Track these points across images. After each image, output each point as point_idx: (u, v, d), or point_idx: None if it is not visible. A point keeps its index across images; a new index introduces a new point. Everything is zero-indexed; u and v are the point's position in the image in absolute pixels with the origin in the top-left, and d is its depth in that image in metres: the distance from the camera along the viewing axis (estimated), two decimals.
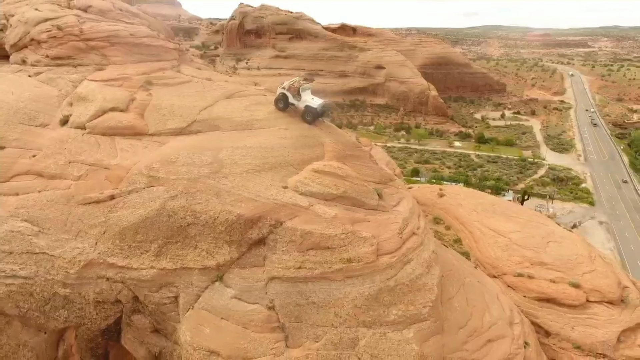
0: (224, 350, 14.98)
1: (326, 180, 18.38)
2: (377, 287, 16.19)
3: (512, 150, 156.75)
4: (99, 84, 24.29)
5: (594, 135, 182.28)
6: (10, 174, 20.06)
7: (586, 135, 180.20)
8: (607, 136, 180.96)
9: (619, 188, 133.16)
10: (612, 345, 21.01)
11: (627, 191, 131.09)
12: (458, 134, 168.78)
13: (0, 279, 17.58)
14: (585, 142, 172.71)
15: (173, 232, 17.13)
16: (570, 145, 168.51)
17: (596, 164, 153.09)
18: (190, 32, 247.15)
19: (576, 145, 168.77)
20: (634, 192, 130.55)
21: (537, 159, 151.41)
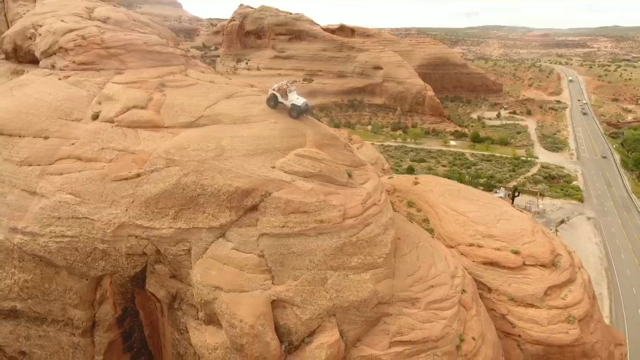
0: (225, 285, 20.30)
1: (306, 162, 23.72)
2: (342, 242, 21.51)
3: (506, 149, 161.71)
4: (121, 86, 29.70)
5: (587, 134, 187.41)
6: (54, 158, 25.45)
7: (580, 135, 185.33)
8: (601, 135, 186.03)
9: (609, 186, 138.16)
10: (539, 297, 26.30)
11: (616, 189, 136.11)
12: (454, 134, 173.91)
13: (52, 238, 22.94)
14: (578, 141, 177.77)
15: (186, 201, 22.48)
16: (563, 144, 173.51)
17: (588, 162, 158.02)
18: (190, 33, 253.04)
19: (569, 144, 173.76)
20: (623, 190, 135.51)
21: (530, 158, 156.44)
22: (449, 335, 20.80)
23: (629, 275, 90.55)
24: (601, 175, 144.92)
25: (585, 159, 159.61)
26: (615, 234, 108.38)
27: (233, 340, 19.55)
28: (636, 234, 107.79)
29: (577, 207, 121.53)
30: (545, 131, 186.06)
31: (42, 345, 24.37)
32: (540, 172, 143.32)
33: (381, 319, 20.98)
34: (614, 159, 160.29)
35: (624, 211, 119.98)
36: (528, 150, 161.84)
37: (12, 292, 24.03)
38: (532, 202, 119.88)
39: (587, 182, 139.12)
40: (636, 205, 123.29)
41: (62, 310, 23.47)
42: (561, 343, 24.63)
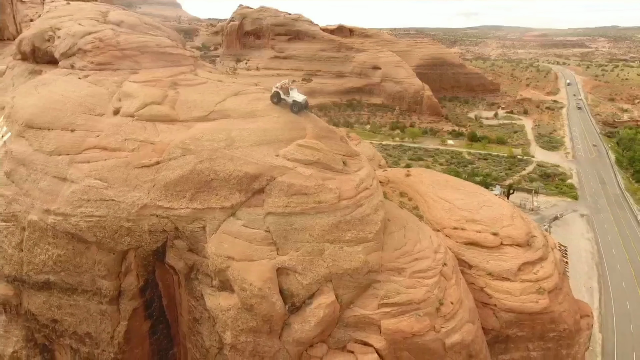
0: (237, 255, 23.79)
1: (306, 151, 27.24)
2: (338, 219, 25.02)
3: (502, 148, 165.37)
4: (139, 84, 33.20)
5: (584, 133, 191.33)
6: (82, 148, 28.92)
7: (576, 134, 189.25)
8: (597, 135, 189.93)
9: (603, 184, 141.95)
10: (513, 272, 29.86)
11: (610, 187, 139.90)
12: (451, 133, 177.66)
13: (82, 217, 26.40)
14: (574, 141, 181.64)
15: (201, 185, 25.97)
16: (559, 143, 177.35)
17: (583, 161, 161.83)
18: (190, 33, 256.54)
19: (565, 144, 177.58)
20: (616, 188, 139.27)
21: (526, 156, 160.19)
22: (430, 299, 24.31)
23: (619, 269, 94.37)
24: (596, 174, 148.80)
25: (580, 158, 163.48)
26: (608, 230, 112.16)
27: (244, 301, 23.04)
28: (628, 230, 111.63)
29: (571, 204, 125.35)
30: (542, 130, 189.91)
31: (72, 313, 27.80)
32: (536, 171, 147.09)
33: (371, 285, 24.49)
34: (609, 158, 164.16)
35: (617, 208, 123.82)
36: (524, 149, 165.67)
37: (46, 266, 27.48)
38: (526, 199, 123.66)
39: (582, 180, 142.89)
40: (629, 203, 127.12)
41: (91, 281, 26.92)
42: (531, 311, 28.16)
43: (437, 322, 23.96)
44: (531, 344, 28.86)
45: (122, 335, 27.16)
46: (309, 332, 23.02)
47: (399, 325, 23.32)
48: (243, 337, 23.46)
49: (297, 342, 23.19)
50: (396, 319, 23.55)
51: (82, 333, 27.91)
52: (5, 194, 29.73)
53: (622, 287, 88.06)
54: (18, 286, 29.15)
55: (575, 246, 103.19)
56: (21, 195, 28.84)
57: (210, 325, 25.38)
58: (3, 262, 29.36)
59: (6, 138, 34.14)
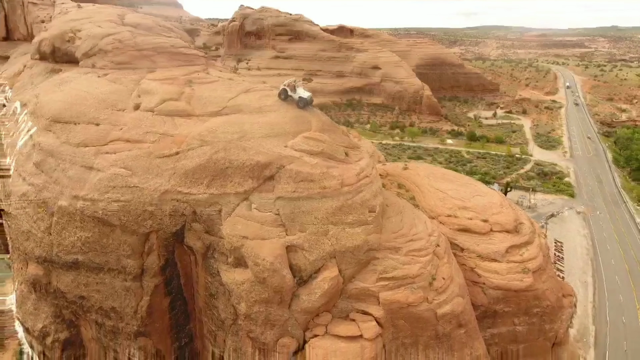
0: (250, 235, 26.73)
1: (311, 143, 30.18)
2: (340, 203, 27.96)
3: (501, 147, 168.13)
4: (157, 82, 36.17)
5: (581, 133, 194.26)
6: (107, 140, 31.86)
7: (574, 133, 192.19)
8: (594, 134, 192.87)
9: (600, 182, 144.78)
10: (501, 254, 32.78)
11: (606, 185, 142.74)
12: (450, 132, 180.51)
13: (109, 202, 29.33)
14: (572, 140, 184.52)
15: (217, 172, 28.90)
16: (557, 142, 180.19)
17: (581, 160, 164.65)
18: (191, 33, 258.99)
19: (563, 143, 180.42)
20: (613, 186, 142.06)
21: (524, 155, 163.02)
22: (423, 274, 27.23)
23: (614, 264, 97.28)
24: (593, 173, 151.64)
25: (578, 157, 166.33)
26: (603, 227, 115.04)
27: (257, 275, 25.97)
28: (623, 227, 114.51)
29: (568, 202, 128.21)
30: (540, 130, 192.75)
31: (99, 290, 30.72)
32: (534, 169, 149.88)
33: (370, 261, 27.43)
34: (606, 157, 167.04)
35: (612, 206, 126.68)
36: (522, 148, 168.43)
37: (75, 247, 30.39)
38: (523, 197, 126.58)
39: (579, 178, 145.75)
40: (625, 201, 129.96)
41: (116, 261, 29.83)
42: (517, 288, 31.08)
43: (430, 294, 26.87)
44: (517, 318, 31.76)
45: (144, 310, 30.07)
46: (315, 303, 25.96)
47: (395, 297, 26.26)
48: (256, 307, 26.39)
49: (304, 311, 26.12)
50: (393, 291, 26.47)
51: (107, 308, 30.82)
52: (35, 182, 32.67)
53: (616, 281, 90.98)
54: (48, 267, 32.07)
55: (571, 242, 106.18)
56: (51, 183, 31.76)
57: (225, 298, 28.29)
58: (33, 245, 32.28)
59: (32, 132, 37.13)
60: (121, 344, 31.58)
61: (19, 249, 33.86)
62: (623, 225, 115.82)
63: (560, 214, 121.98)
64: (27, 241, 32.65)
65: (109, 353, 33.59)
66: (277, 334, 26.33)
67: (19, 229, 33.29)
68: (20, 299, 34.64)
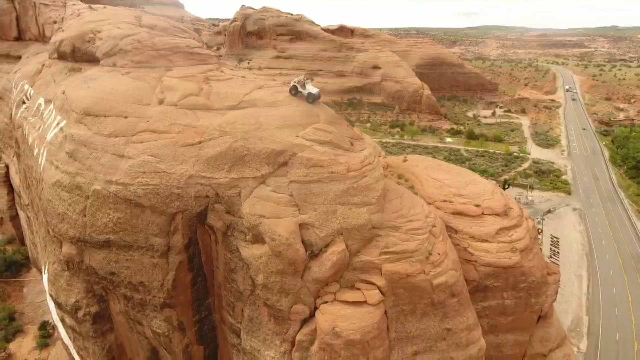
0: (267, 214, 30.42)
1: (320, 133, 33.91)
2: (347, 186, 31.69)
3: (499, 146, 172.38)
4: (177, 79, 39.92)
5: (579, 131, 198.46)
6: (135, 131, 35.56)
7: (572, 132, 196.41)
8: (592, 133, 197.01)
9: (596, 179, 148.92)
10: (492, 235, 36.53)
11: (603, 182, 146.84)
12: (450, 131, 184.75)
13: (140, 186, 33.00)
14: (570, 139, 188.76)
15: (236, 159, 32.61)
16: (555, 141, 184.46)
17: (578, 158, 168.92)
18: None
19: (561, 141, 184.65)
20: (609, 183, 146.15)
21: (522, 154, 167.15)
22: (421, 249, 30.96)
23: (608, 259, 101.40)
24: (590, 170, 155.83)
25: (575, 155, 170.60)
26: (599, 223, 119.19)
27: (273, 249, 29.67)
28: (618, 223, 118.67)
29: (565, 199, 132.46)
30: (539, 129, 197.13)
31: (128, 266, 34.40)
32: (531, 167, 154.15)
33: (374, 238, 31.14)
34: (603, 155, 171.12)
35: (608, 203, 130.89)
36: (521, 147, 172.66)
37: (107, 228, 34.07)
38: (521, 194, 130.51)
39: (576, 176, 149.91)
40: (620, 198, 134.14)
41: (145, 239, 33.51)
42: (505, 265, 34.82)
43: (427, 267, 30.59)
44: (505, 293, 35.47)
45: (170, 283, 33.76)
46: (324, 273, 29.67)
47: (396, 268, 29.98)
48: (272, 278, 30.09)
49: (315, 281, 29.83)
50: (394, 264, 30.19)
51: (136, 282, 34.50)
52: (69, 170, 36.36)
53: (610, 274, 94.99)
54: (80, 246, 35.73)
55: (566, 237, 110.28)
56: (84, 170, 35.45)
57: (244, 272, 32.00)
58: (68, 226, 35.95)
59: (62, 125, 40.87)
60: (148, 315, 35.26)
61: (53, 230, 37.51)
62: (618, 222, 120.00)
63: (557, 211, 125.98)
64: (62, 223, 36.31)
65: (134, 325, 37.30)
66: (291, 301, 30.01)
67: (53, 212, 36.96)
68: (54, 277, 38.29)
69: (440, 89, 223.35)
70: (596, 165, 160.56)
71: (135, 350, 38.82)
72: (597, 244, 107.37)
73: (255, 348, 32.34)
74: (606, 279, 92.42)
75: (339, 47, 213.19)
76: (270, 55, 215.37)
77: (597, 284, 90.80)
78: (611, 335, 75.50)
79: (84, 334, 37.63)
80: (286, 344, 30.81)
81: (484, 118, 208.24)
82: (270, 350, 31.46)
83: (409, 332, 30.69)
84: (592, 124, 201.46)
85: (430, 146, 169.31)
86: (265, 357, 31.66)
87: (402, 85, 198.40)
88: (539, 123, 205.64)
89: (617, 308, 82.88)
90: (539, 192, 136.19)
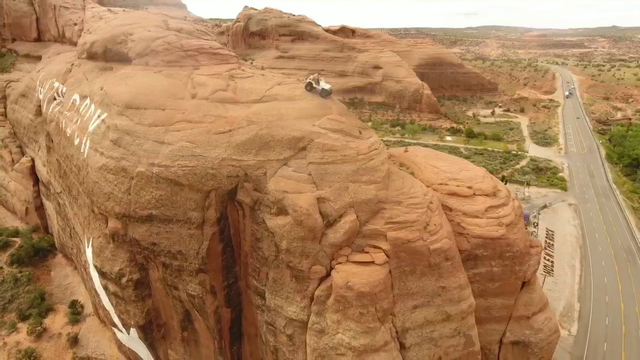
0: (290, 190, 36.65)
1: (333, 123, 40.19)
2: (357, 167, 37.96)
3: (498, 144, 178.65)
4: (206, 76, 46.21)
5: (577, 130, 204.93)
6: (173, 121, 41.81)
7: (569, 131, 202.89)
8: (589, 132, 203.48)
9: (592, 177, 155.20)
10: (481, 212, 42.78)
11: (598, 179, 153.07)
12: (449, 129, 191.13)
13: (179, 168, 39.20)
14: (567, 137, 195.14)
15: (262, 144, 38.86)
16: (553, 139, 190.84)
17: (575, 156, 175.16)
18: None
19: (559, 140, 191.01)
20: (604, 180, 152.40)
21: (520, 152, 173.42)
22: (420, 220, 37.21)
23: (600, 250, 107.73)
24: (586, 168, 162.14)
25: (572, 153, 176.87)
26: (593, 217, 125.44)
27: (296, 219, 35.90)
28: (612, 218, 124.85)
29: (561, 194, 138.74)
30: (537, 128, 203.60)
31: (168, 237, 40.61)
32: (529, 165, 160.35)
33: (380, 210, 37.39)
34: (599, 153, 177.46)
35: (603, 198, 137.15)
36: (519, 145, 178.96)
37: (150, 204, 40.28)
38: (518, 190, 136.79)
39: (572, 173, 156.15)
40: (615, 194, 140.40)
41: (183, 213, 39.73)
42: (493, 237, 41.07)
43: (424, 235, 36.84)
44: (493, 261, 41.68)
45: (204, 252, 39.96)
46: (339, 239, 35.92)
47: (398, 235, 36.23)
48: (295, 243, 36.30)
49: (331, 245, 36.06)
50: (397, 231, 36.44)
51: (174, 251, 40.72)
52: (114, 155, 42.62)
53: (602, 265, 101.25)
54: (125, 220, 41.96)
55: (561, 230, 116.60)
56: (128, 155, 41.70)
57: (269, 240, 38.21)
58: (114, 204, 42.18)
59: (103, 117, 47.13)
60: (184, 279, 41.46)
61: (99, 208, 43.74)
62: (612, 216, 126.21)
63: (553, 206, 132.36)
64: (108, 201, 42.54)
65: (170, 291, 43.48)
66: (310, 262, 36.22)
67: (100, 193, 43.18)
68: (99, 249, 44.49)
69: (440, 89, 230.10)
70: (592, 162, 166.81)
71: (169, 313, 45.00)
72: (590, 237, 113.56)
73: (278, 305, 38.57)
74: (598, 269, 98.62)
75: (340, 48, 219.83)
76: (272, 55, 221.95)
77: (589, 274, 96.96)
78: (601, 320, 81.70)
79: (126, 299, 43.83)
80: (306, 300, 37.03)
81: (483, 117, 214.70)
82: (292, 306, 37.69)
83: (409, 289, 36.94)
84: (584, 113, 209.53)
85: (430, 144, 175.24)
86: (287, 312, 37.90)
87: (403, 85, 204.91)
88: (538, 122, 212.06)
89: (607, 296, 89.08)
90: (536, 189, 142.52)
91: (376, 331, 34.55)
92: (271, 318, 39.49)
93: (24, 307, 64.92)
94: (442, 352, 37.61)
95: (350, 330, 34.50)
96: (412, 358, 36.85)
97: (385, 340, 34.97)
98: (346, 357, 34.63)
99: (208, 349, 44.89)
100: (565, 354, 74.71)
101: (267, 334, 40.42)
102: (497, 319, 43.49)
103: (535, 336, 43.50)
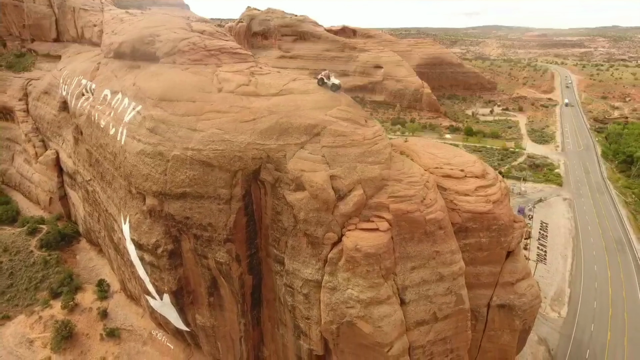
0: (306, 168, 43.87)
1: (343, 112, 47.46)
2: (364, 150, 45.21)
3: (496, 142, 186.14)
4: (230, 73, 53.49)
5: (574, 129, 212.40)
6: (203, 112, 49.04)
7: (567, 129, 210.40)
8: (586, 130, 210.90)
9: (587, 173, 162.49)
10: (472, 191, 50.03)
11: (593, 175, 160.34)
12: (449, 128, 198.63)
13: (210, 151, 46.39)
14: (564, 135, 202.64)
15: (282, 131, 46.08)
16: (551, 137, 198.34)
17: (571, 153, 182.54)
18: None
19: (556, 138, 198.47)
20: (599, 176, 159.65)
21: (518, 149, 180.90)
22: (418, 195, 44.45)
23: (592, 242, 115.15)
24: (582, 165, 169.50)
25: (569, 151, 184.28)
26: (587, 211, 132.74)
27: (312, 193, 43.11)
28: (604, 211, 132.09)
29: (556, 190, 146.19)
30: (535, 126, 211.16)
31: (199, 212, 47.79)
32: (526, 161, 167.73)
33: (383, 187, 44.63)
34: (596, 150, 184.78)
35: (597, 193, 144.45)
36: (517, 143, 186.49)
37: (184, 183, 47.46)
38: (514, 185, 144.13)
39: (568, 169, 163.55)
40: (609, 189, 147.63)
41: (214, 191, 46.91)
42: (481, 211, 48.30)
43: (421, 207, 44.09)
44: (481, 233, 48.89)
45: (232, 223, 47.15)
46: (349, 209, 43.15)
47: (399, 207, 43.47)
48: (311, 214, 43.51)
49: (342, 215, 43.29)
50: (398, 204, 43.69)
51: (205, 224, 47.89)
52: (151, 141, 49.81)
53: (593, 254, 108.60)
54: (161, 198, 49.12)
55: (555, 223, 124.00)
56: (164, 141, 48.89)
57: (288, 213, 45.41)
58: (151, 183, 49.35)
59: (138, 109, 54.34)
60: (213, 249, 48.61)
61: (137, 188, 50.91)
62: (605, 210, 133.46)
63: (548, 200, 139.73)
64: (146, 182, 49.71)
65: (200, 260, 50.62)
66: (324, 230, 43.43)
67: (138, 174, 50.36)
68: (136, 224, 51.66)
69: (440, 88, 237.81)
70: (588, 160, 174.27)
71: (198, 281, 52.16)
72: (583, 229, 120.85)
73: (296, 269, 45.76)
74: (589, 258, 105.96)
75: (342, 47, 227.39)
76: (275, 55, 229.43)
77: (580, 262, 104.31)
78: (589, 304, 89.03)
79: (161, 267, 50.99)
80: (320, 263, 44.24)
81: (482, 116, 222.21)
82: (308, 269, 44.89)
83: (408, 253, 44.17)
84: (579, 101, 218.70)
85: None
86: (304, 274, 45.09)
87: (403, 84, 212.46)
88: (536, 121, 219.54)
89: (596, 282, 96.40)
90: (532, 184, 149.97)
91: (380, 286, 41.77)
92: (289, 280, 46.68)
93: (54, 286, 72.15)
94: (437, 308, 44.81)
95: (359, 285, 41.70)
96: (411, 312, 44.05)
97: (388, 294, 42.18)
98: (355, 309, 41.82)
99: (231, 313, 52.04)
100: (555, 334, 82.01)
101: (286, 295, 47.62)
102: (486, 285, 50.68)
103: (519, 300, 50.69)
